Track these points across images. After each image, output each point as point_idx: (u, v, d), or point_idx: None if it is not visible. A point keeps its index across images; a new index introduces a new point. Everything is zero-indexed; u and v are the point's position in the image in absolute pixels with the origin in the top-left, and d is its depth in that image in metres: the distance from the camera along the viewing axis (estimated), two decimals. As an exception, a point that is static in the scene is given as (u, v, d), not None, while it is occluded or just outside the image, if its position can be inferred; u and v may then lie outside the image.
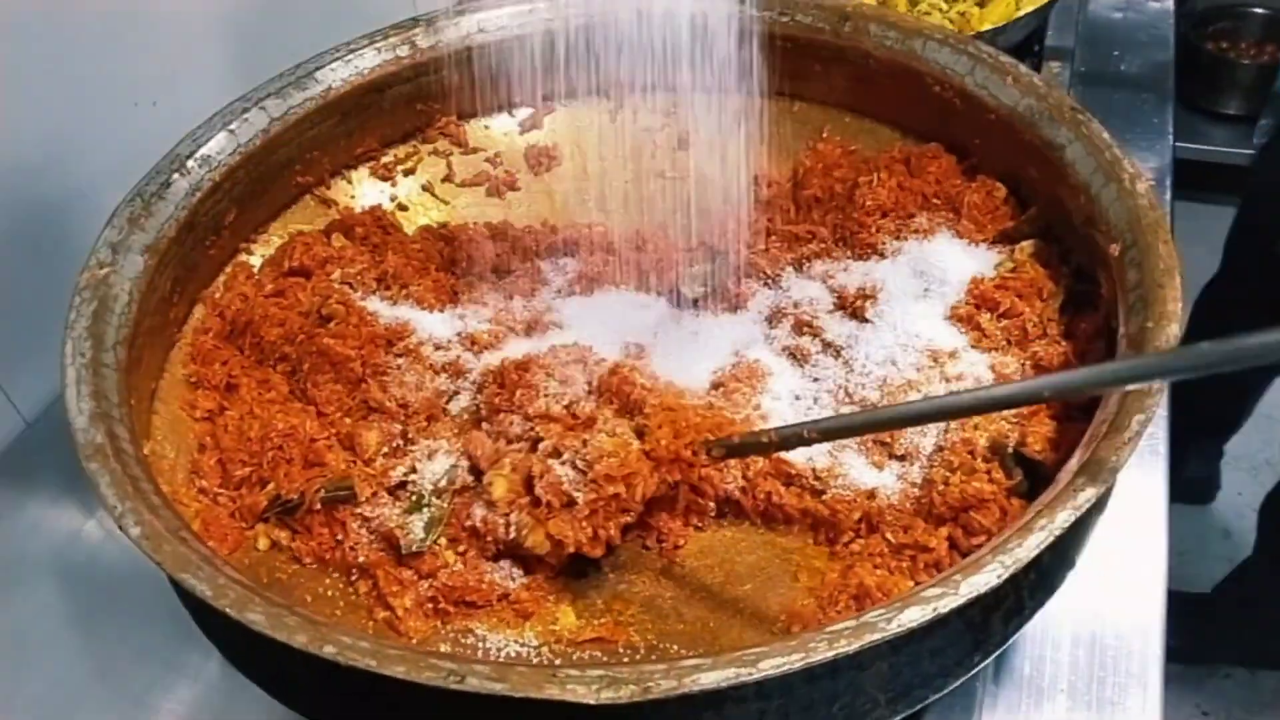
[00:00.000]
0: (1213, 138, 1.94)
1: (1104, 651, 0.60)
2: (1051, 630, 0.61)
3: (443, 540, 0.57)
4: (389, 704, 0.47)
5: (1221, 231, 1.45)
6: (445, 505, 0.57)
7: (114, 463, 0.49)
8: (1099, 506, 0.47)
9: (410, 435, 0.62)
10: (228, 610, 0.43)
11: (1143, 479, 0.69)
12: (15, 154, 0.73)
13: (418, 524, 0.57)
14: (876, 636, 0.39)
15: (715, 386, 0.64)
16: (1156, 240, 0.55)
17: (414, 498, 0.58)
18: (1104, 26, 1.11)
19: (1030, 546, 0.42)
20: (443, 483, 0.58)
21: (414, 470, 0.60)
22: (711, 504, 0.60)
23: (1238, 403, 1.61)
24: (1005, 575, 0.41)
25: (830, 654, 0.39)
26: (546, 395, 0.59)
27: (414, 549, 0.56)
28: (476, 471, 0.59)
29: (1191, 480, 1.67)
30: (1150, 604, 0.62)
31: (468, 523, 0.57)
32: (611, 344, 0.66)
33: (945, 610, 0.40)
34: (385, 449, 0.61)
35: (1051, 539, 0.42)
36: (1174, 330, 0.50)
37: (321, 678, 0.48)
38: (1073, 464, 0.46)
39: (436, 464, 0.60)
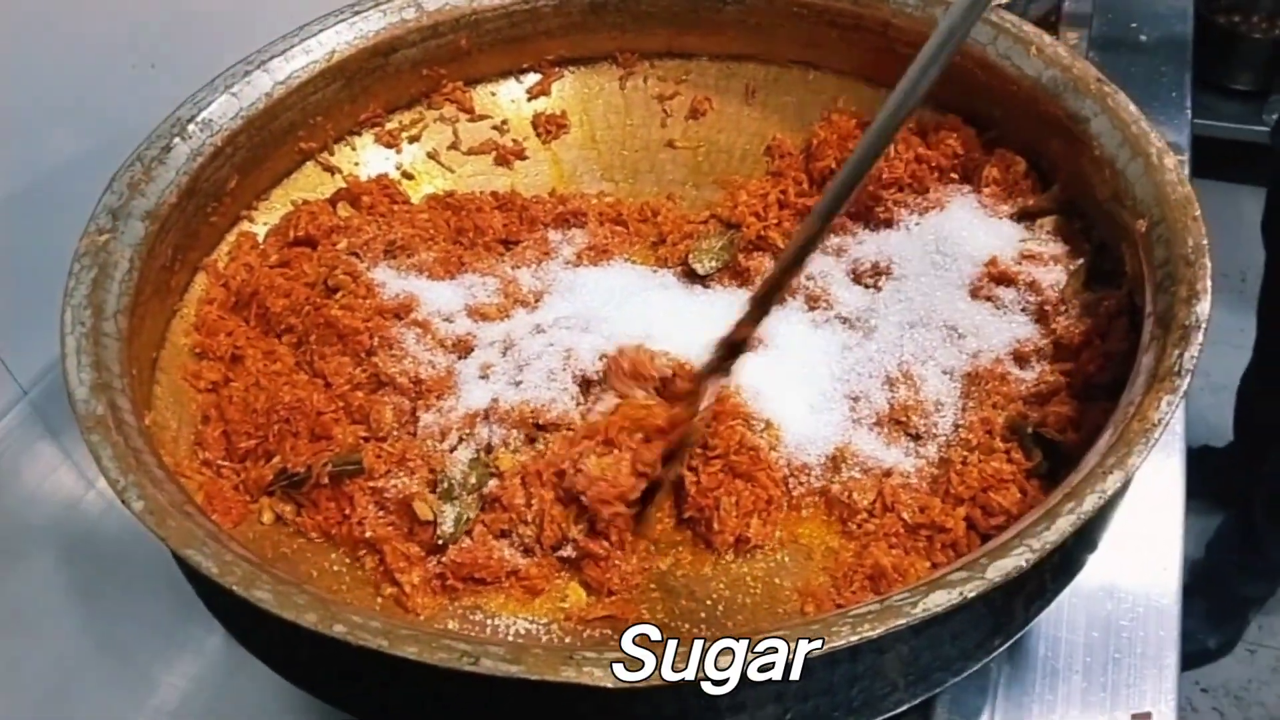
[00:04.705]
0: (1222, 113, 1.91)
1: (1119, 633, 0.59)
2: (1067, 612, 0.60)
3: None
4: (396, 680, 0.46)
5: (1232, 209, 1.42)
6: (474, 505, 0.56)
7: (116, 435, 0.48)
8: (1123, 489, 0.46)
9: (421, 412, 0.61)
10: (234, 588, 0.42)
11: (1160, 461, 0.68)
12: (10, 118, 0.71)
13: (449, 515, 0.56)
14: (902, 621, 0.38)
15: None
16: (1185, 217, 0.53)
17: (444, 485, 0.57)
18: (1122, -3, 1.09)
19: (1058, 530, 0.41)
20: (472, 479, 0.57)
21: (430, 454, 0.59)
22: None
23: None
24: (1034, 560, 0.40)
25: (854, 637, 0.38)
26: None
27: (444, 541, 0.55)
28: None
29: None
30: (1166, 585, 0.61)
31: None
32: (618, 318, 0.65)
33: (972, 595, 0.39)
34: (397, 425, 0.60)
35: (1080, 523, 0.41)
36: (1204, 307, 0.49)
37: (327, 654, 0.47)
38: (1101, 446, 0.45)
39: (457, 449, 0.59)
